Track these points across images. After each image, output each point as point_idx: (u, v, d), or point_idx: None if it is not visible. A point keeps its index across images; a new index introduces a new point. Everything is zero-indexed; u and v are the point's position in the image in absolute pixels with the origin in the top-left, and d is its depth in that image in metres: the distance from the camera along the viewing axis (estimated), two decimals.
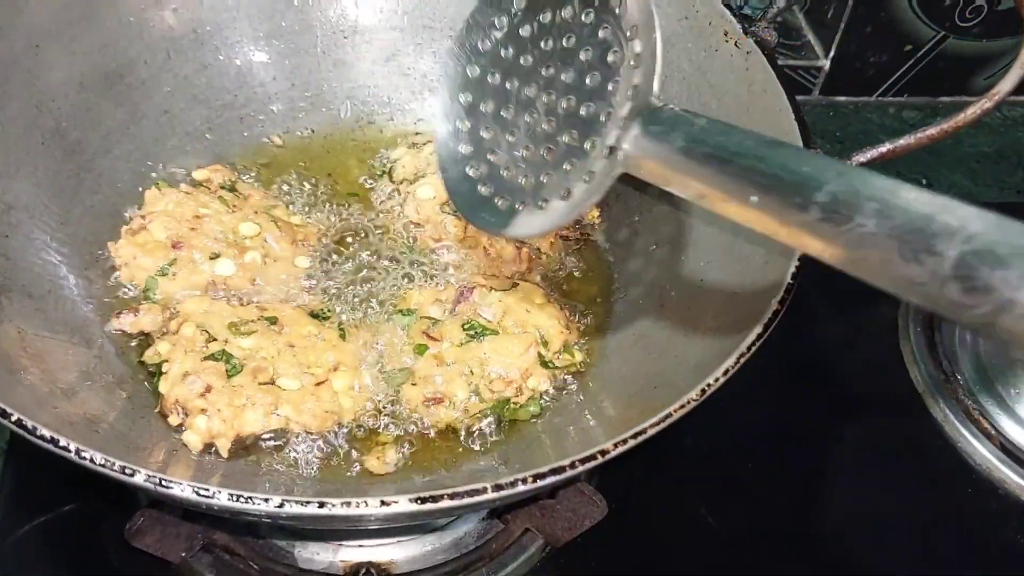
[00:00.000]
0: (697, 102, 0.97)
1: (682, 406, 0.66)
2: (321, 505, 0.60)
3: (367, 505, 0.60)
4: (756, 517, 1.02)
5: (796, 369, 1.14)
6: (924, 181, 1.45)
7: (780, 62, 0.93)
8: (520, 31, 0.71)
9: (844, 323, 1.21)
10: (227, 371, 0.86)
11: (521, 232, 0.70)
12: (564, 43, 0.68)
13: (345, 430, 0.89)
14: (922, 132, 0.80)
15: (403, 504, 0.60)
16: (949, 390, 1.11)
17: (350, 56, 1.16)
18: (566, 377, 0.93)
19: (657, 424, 0.65)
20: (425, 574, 0.93)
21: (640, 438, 0.64)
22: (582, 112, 0.65)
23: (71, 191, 0.96)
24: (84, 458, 0.60)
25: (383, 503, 0.60)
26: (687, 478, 1.04)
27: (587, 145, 0.64)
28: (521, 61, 0.71)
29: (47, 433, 0.61)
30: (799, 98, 0.89)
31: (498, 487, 0.61)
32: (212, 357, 0.87)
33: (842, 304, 1.19)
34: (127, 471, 0.59)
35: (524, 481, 0.62)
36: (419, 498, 0.60)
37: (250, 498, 0.59)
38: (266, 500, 0.59)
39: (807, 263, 0.75)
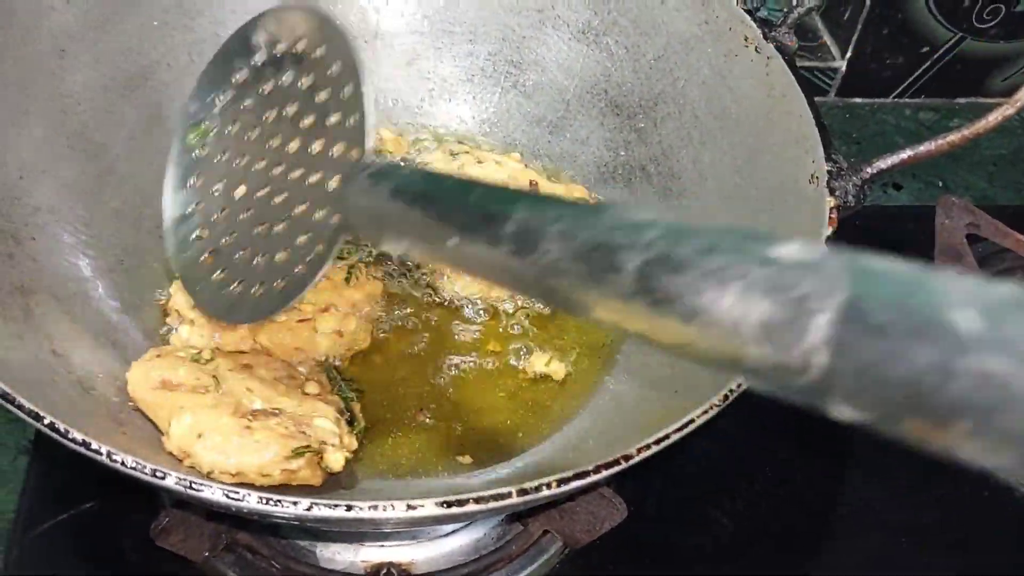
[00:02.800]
0: (717, 107, 0.98)
1: (705, 411, 0.67)
2: (348, 508, 0.60)
3: (393, 508, 0.61)
4: (773, 522, 1.02)
5: None
6: (941, 183, 1.45)
7: (797, 64, 0.93)
8: (244, 104, 0.71)
9: None
10: None
11: (259, 315, 0.69)
12: (288, 111, 0.68)
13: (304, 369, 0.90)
14: (943, 138, 0.80)
15: (429, 508, 0.61)
16: None
17: (370, 60, 1.15)
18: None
19: (680, 430, 0.66)
20: (445, 575, 0.94)
21: (663, 444, 0.65)
22: (309, 180, 0.64)
23: (95, 193, 0.97)
24: (115, 461, 0.61)
25: (409, 506, 0.61)
26: (705, 481, 1.05)
27: (317, 214, 0.63)
28: (247, 136, 0.70)
29: (79, 436, 0.62)
30: (815, 100, 0.89)
31: (523, 491, 0.62)
32: None
33: None
34: (158, 474, 0.60)
35: (548, 486, 0.62)
36: (445, 502, 0.61)
37: (279, 501, 0.60)
38: (295, 503, 0.60)
39: None
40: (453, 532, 0.95)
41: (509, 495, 0.61)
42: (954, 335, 0.27)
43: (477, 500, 0.61)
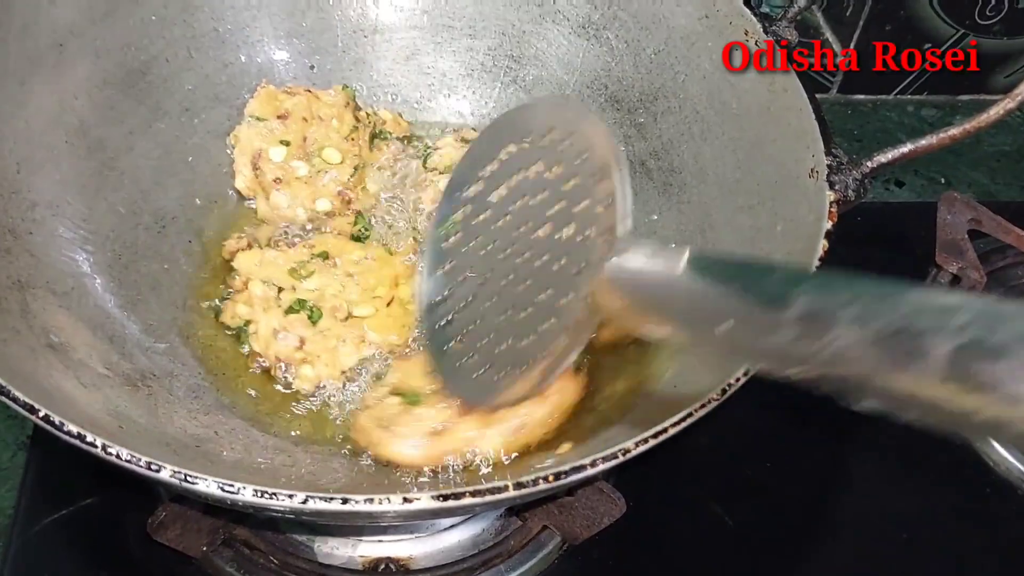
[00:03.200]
0: (717, 101, 0.97)
1: (703, 405, 0.66)
2: (344, 501, 0.60)
3: (389, 502, 0.60)
4: (774, 516, 1.02)
5: None
6: (943, 180, 1.45)
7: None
8: (492, 196, 0.72)
9: None
10: (310, 319, 0.92)
11: (508, 399, 0.70)
12: (536, 199, 0.68)
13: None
14: (944, 132, 0.80)
15: (425, 501, 0.61)
16: None
17: (370, 55, 1.16)
18: None
19: (678, 423, 0.65)
20: (443, 570, 0.93)
21: (661, 437, 0.65)
22: (557, 266, 0.64)
23: (94, 188, 0.97)
24: (110, 454, 0.61)
25: (405, 500, 0.61)
26: (705, 477, 1.04)
27: (564, 300, 0.63)
28: (495, 225, 0.71)
29: (74, 429, 0.62)
30: (817, 96, 0.88)
31: (519, 485, 0.62)
32: (291, 310, 0.92)
33: None
34: (153, 467, 0.60)
35: (546, 479, 0.62)
36: (441, 495, 0.61)
37: (274, 494, 0.60)
38: (290, 496, 0.60)
39: (829, 261, 0.75)
40: (452, 527, 0.95)
41: (505, 488, 0.61)
42: None
43: (473, 493, 0.61)
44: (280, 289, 0.94)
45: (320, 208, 1.03)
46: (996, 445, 1.07)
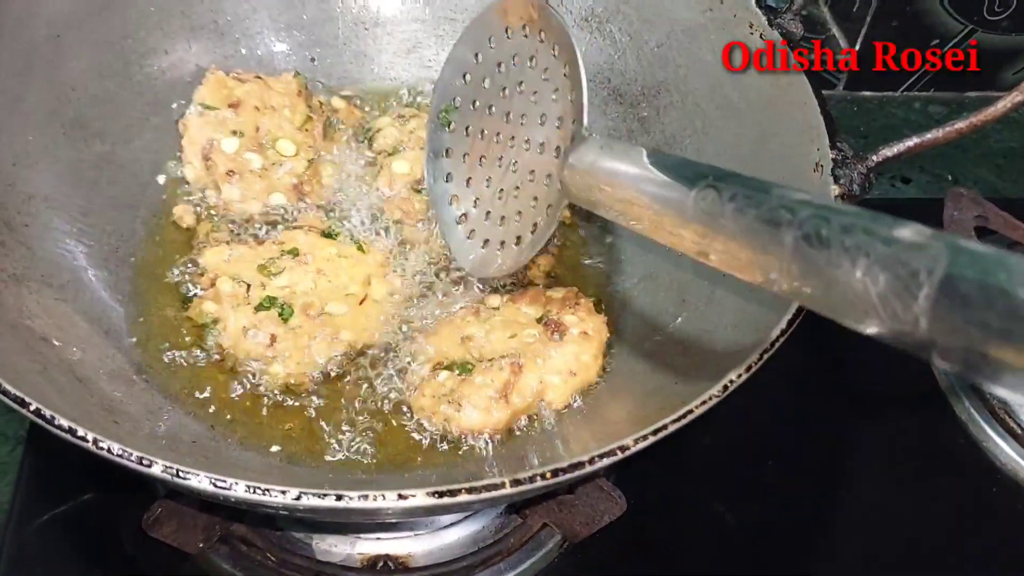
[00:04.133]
0: (720, 95, 0.96)
1: (704, 402, 0.65)
2: (339, 498, 0.59)
3: (384, 498, 0.60)
4: (775, 515, 1.01)
5: (818, 366, 1.12)
6: (949, 176, 1.43)
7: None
8: (485, 81, 0.81)
9: None
10: (281, 316, 0.90)
11: (505, 269, 0.80)
12: (521, 87, 0.78)
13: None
14: (949, 126, 0.79)
15: (420, 498, 0.60)
16: (974, 388, 1.09)
17: (371, 48, 1.16)
18: None
19: (678, 420, 0.64)
20: (442, 568, 0.92)
21: (661, 434, 0.64)
22: (538, 152, 0.74)
23: (91, 181, 0.96)
24: (102, 448, 0.60)
25: (400, 496, 0.60)
26: (706, 475, 1.04)
27: (544, 181, 0.73)
28: (488, 111, 0.80)
29: (65, 423, 0.61)
30: (823, 93, 0.87)
31: (516, 482, 0.61)
32: (262, 307, 0.91)
33: None
34: (144, 461, 0.59)
35: (543, 476, 0.61)
36: (436, 492, 0.60)
37: (267, 490, 0.59)
38: (283, 492, 0.59)
39: None
40: (451, 525, 0.94)
41: (502, 485, 0.60)
42: (1017, 304, 0.36)
43: (469, 490, 0.60)
44: (249, 286, 0.92)
45: (275, 202, 1.01)
46: (1003, 445, 1.06)
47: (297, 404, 0.89)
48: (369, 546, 0.93)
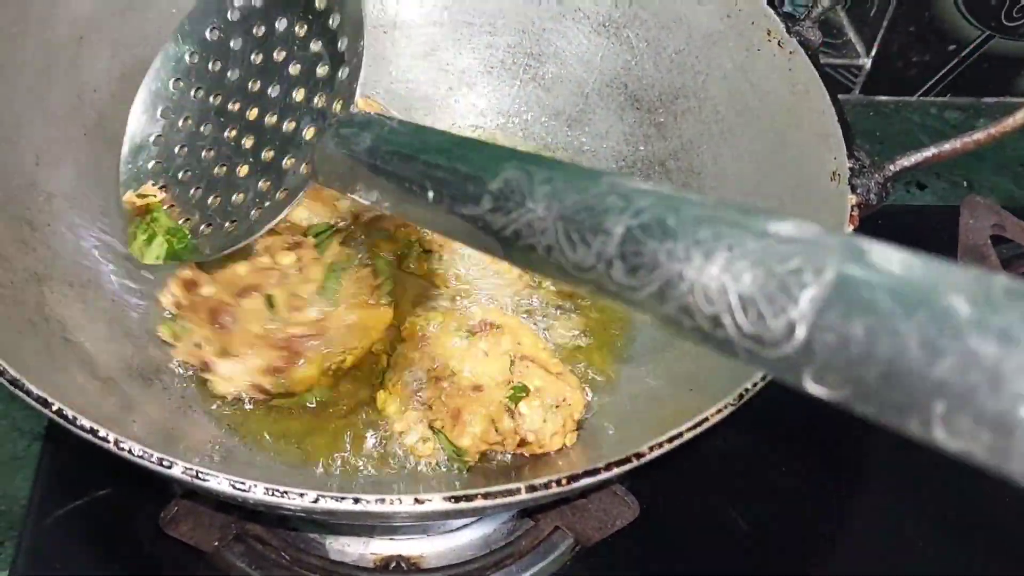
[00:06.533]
0: (739, 102, 0.96)
1: (719, 410, 0.66)
2: (356, 501, 0.60)
3: (401, 502, 0.60)
4: (789, 521, 1.01)
5: None
6: (966, 183, 1.43)
7: (821, 61, 0.92)
8: (231, 43, 0.70)
9: None
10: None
11: (206, 254, 0.69)
12: (275, 56, 0.67)
13: None
14: (968, 137, 0.79)
15: (437, 502, 0.60)
16: None
17: (389, 51, 1.16)
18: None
19: (693, 428, 0.65)
20: (454, 569, 0.93)
21: (676, 442, 0.64)
22: (284, 127, 0.64)
23: (112, 181, 0.96)
24: (123, 449, 0.61)
25: (417, 500, 0.60)
26: (719, 480, 1.04)
27: (286, 162, 0.63)
28: (228, 75, 0.69)
29: (87, 423, 0.62)
30: (839, 97, 0.87)
31: (532, 488, 0.61)
32: None
33: None
34: (164, 463, 0.60)
35: (559, 483, 0.61)
36: (453, 497, 0.60)
37: (285, 492, 0.59)
38: (301, 495, 0.59)
39: None
40: (464, 526, 0.95)
41: (518, 491, 0.61)
42: (947, 316, 0.28)
43: (485, 495, 0.60)
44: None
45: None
46: None
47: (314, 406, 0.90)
48: (382, 546, 0.93)
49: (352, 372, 0.93)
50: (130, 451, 0.60)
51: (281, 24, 0.67)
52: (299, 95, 0.64)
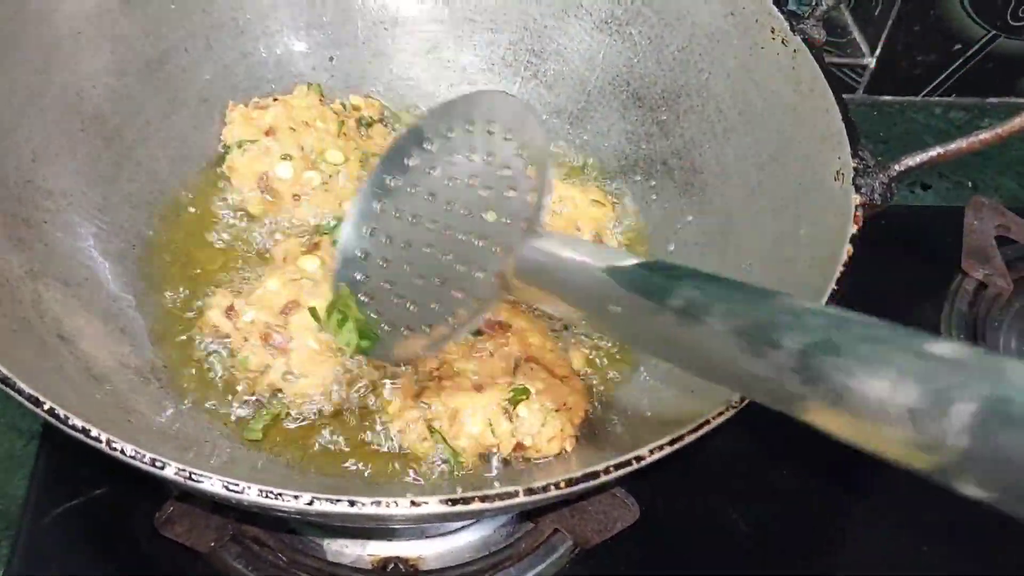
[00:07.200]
0: (742, 101, 0.95)
1: (721, 413, 0.65)
2: (351, 503, 0.59)
3: (396, 505, 0.59)
4: (790, 524, 1.00)
5: None
6: (970, 184, 1.42)
7: (825, 60, 0.91)
8: (431, 171, 0.77)
9: None
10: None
11: (403, 356, 0.75)
12: (469, 182, 0.74)
13: None
14: (974, 136, 0.78)
15: (433, 505, 0.59)
16: None
17: (390, 48, 1.15)
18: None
19: (695, 431, 0.64)
20: (453, 571, 0.92)
21: (677, 445, 0.63)
22: (478, 244, 0.70)
23: (109, 178, 0.96)
24: (115, 449, 0.60)
25: (413, 503, 0.59)
26: (719, 482, 1.03)
27: (479, 274, 0.69)
28: (428, 197, 0.76)
29: (79, 423, 0.61)
30: (843, 97, 0.87)
31: (530, 491, 0.60)
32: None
33: (882, 311, 1.16)
34: (157, 463, 0.59)
35: (557, 486, 0.61)
36: (450, 499, 0.60)
37: (280, 494, 0.59)
38: (296, 497, 0.59)
39: (853, 267, 0.74)
40: (462, 528, 0.94)
41: (516, 494, 0.60)
42: None
43: (483, 498, 0.59)
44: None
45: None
46: None
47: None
48: (380, 548, 0.93)
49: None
50: (122, 451, 0.60)
51: (475, 155, 0.75)
52: (491, 216, 0.71)
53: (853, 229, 0.76)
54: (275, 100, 1.05)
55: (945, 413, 0.36)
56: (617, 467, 0.62)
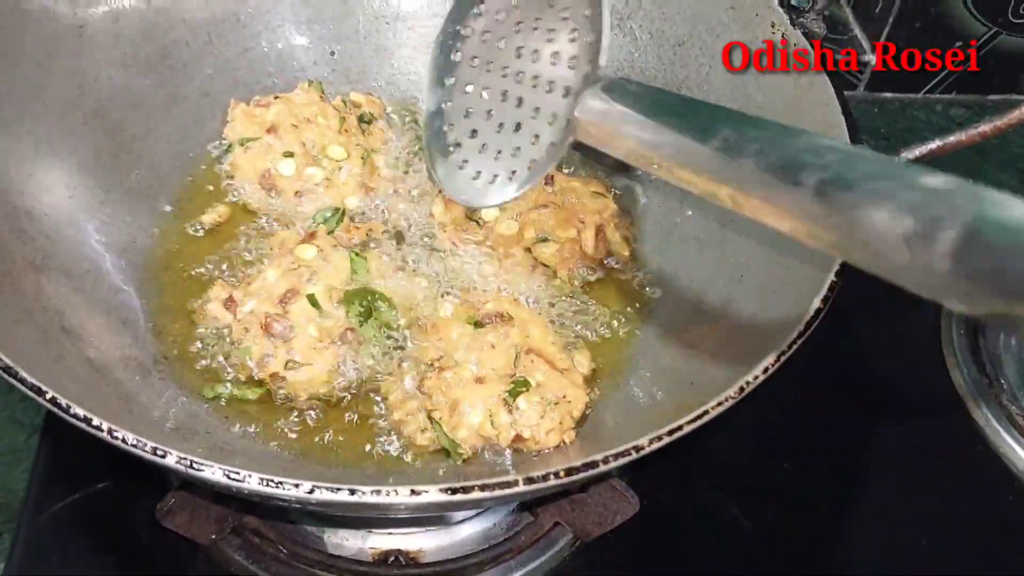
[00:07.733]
0: (741, 94, 0.95)
1: (720, 403, 0.65)
2: (352, 492, 0.59)
3: (397, 494, 0.59)
4: (789, 517, 1.00)
5: (835, 369, 1.12)
6: (971, 181, 1.42)
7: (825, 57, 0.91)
8: (497, 17, 0.80)
9: (885, 324, 1.18)
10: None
11: (496, 200, 0.79)
12: (536, 24, 0.77)
13: None
14: (973, 129, 0.78)
15: (433, 494, 0.60)
16: (992, 394, 1.08)
17: (391, 42, 1.16)
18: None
19: (693, 421, 0.64)
20: (453, 564, 0.92)
21: (676, 435, 0.63)
22: (545, 90, 0.74)
23: (111, 171, 0.97)
24: (116, 438, 0.60)
25: (413, 492, 0.60)
26: (720, 477, 1.03)
27: (548, 119, 0.73)
28: (498, 45, 0.79)
29: (81, 412, 0.61)
30: (844, 93, 0.87)
31: (529, 480, 0.60)
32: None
33: (883, 305, 1.16)
34: (159, 452, 0.59)
35: (556, 475, 0.61)
36: (449, 488, 0.60)
37: (280, 483, 0.59)
38: (296, 485, 0.59)
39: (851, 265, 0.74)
40: (463, 521, 0.94)
41: (515, 483, 0.60)
42: None
43: (482, 487, 0.59)
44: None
45: (351, 206, 1.03)
46: (1020, 452, 1.05)
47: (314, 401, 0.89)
48: (380, 540, 0.93)
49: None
50: (124, 440, 0.60)
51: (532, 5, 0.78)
52: (555, 58, 0.74)
53: None
54: (276, 98, 1.05)
55: (932, 240, 0.41)
56: (616, 456, 0.62)
